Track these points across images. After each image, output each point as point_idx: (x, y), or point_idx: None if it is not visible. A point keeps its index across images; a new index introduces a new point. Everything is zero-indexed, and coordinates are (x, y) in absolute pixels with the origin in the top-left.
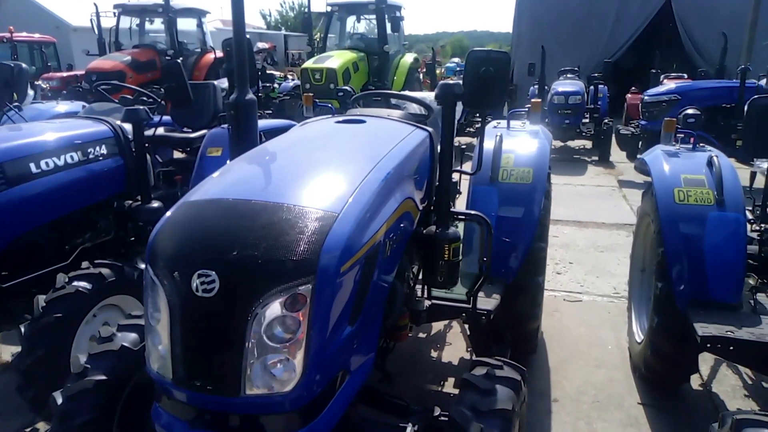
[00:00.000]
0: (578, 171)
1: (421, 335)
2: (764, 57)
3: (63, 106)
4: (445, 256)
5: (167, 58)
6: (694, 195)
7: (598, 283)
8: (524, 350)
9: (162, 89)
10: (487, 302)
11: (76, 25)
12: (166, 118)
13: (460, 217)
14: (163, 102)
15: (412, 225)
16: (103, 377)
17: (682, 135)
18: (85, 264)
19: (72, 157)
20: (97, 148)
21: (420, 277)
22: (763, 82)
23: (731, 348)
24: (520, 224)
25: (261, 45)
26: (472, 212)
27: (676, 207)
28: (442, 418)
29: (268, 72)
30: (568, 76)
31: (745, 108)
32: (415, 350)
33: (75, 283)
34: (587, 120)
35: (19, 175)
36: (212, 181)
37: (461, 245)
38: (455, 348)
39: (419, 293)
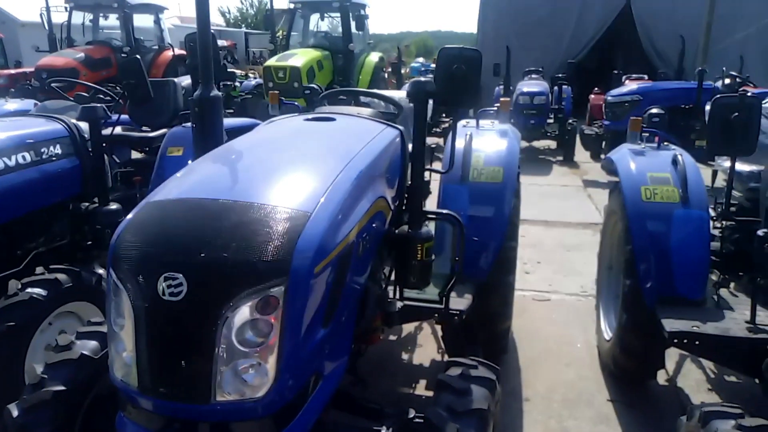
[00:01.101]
0: (544, 171)
1: (392, 337)
2: (720, 59)
3: (12, 104)
4: (418, 256)
5: (123, 55)
6: (660, 193)
7: (566, 282)
8: (495, 350)
9: (118, 87)
10: (459, 302)
11: (25, 20)
12: (124, 116)
13: (431, 216)
14: (120, 100)
15: (385, 225)
16: (62, 388)
17: (647, 134)
18: (39, 269)
19: (24, 158)
20: (51, 148)
21: (392, 278)
22: (719, 83)
23: (697, 342)
24: (491, 223)
25: (221, 43)
26: (445, 211)
27: (642, 205)
28: (417, 419)
29: (228, 70)
30: (533, 76)
31: (707, 107)
32: (386, 353)
33: (29, 290)
34: (552, 120)
35: None
36: (176, 180)
37: (433, 245)
38: (426, 350)
39: (391, 294)
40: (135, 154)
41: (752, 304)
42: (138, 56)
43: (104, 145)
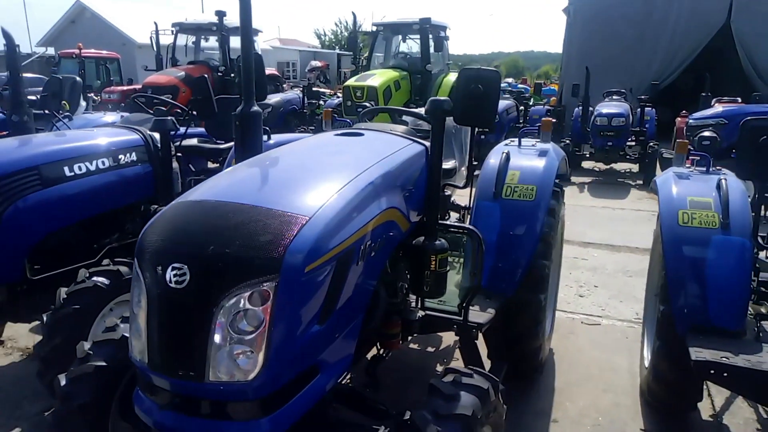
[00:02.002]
0: (620, 194)
1: (430, 349)
2: None
3: (110, 117)
4: (432, 266)
5: (219, 74)
6: (698, 218)
7: (621, 307)
8: (526, 369)
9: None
10: (479, 316)
11: (141, 42)
12: (201, 129)
13: (451, 229)
14: (188, 115)
15: (400, 234)
16: (104, 363)
17: (698, 158)
18: (106, 261)
19: (103, 162)
20: (128, 155)
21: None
22: None
23: (725, 375)
24: (521, 241)
25: (314, 63)
26: (462, 225)
27: (679, 229)
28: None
29: (314, 89)
30: (614, 97)
31: (740, 129)
32: (419, 364)
33: (94, 278)
34: (633, 143)
35: (53, 177)
36: (205, 184)
37: (448, 257)
38: (452, 362)
39: (414, 304)
40: (210, 164)
41: None
42: (206, 76)
43: (179, 154)
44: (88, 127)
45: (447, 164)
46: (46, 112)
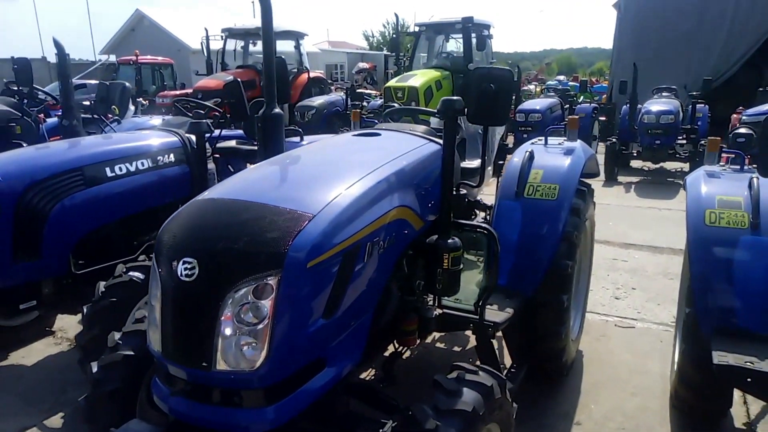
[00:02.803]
0: (668, 194)
1: (456, 348)
2: None
3: (155, 120)
4: (444, 264)
5: None
6: (726, 217)
7: (657, 310)
8: (549, 370)
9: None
10: (497, 315)
11: (195, 48)
12: (240, 131)
13: (466, 228)
14: (224, 118)
15: (413, 232)
16: (131, 353)
17: (732, 155)
18: (142, 257)
19: (143, 164)
20: (166, 157)
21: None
22: None
23: (749, 380)
24: (542, 240)
25: (362, 65)
26: (478, 224)
27: (705, 229)
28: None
29: (357, 91)
30: (663, 94)
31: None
32: (444, 362)
33: (130, 273)
34: (684, 141)
35: (95, 177)
36: (224, 183)
37: (462, 255)
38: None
39: (431, 302)
40: (249, 165)
41: None
42: (238, 80)
43: (214, 155)
44: (134, 130)
45: (471, 164)
46: (95, 116)
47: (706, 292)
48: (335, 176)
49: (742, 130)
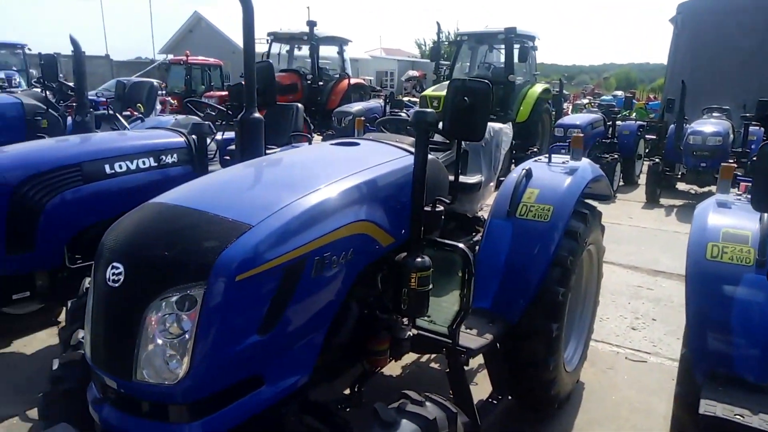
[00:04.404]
0: None
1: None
2: None
3: (181, 119)
4: (411, 283)
5: (307, 82)
6: (730, 252)
7: (676, 345)
8: (536, 403)
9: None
10: (473, 340)
11: None
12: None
13: (439, 246)
14: (225, 120)
15: (378, 249)
16: None
17: (747, 183)
18: None
19: (144, 162)
20: (169, 156)
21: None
22: None
23: None
24: (530, 264)
25: (411, 73)
26: (449, 242)
27: (705, 264)
28: None
29: (398, 98)
30: (714, 114)
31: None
32: (435, 383)
33: None
34: (734, 165)
35: (94, 173)
36: (180, 188)
37: (430, 275)
38: (480, 388)
39: (406, 322)
40: None
41: None
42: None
43: (226, 156)
44: (152, 128)
45: (471, 179)
46: (110, 113)
47: (702, 332)
48: (289, 186)
49: None
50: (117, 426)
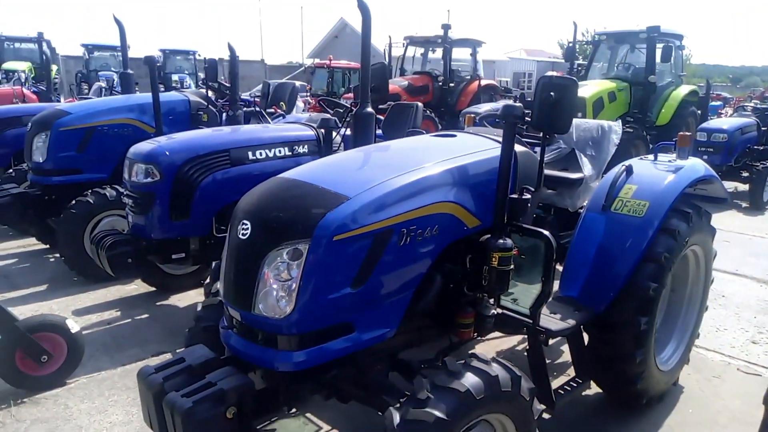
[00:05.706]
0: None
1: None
2: None
3: (314, 116)
4: (492, 262)
5: (439, 83)
6: None
7: None
8: (622, 395)
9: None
10: (555, 323)
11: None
12: (378, 132)
13: (524, 232)
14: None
15: (463, 229)
16: None
17: None
18: None
19: (280, 151)
20: (301, 147)
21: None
22: None
23: None
24: (620, 257)
25: (550, 74)
26: (534, 228)
27: None
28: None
29: (527, 99)
30: (743, 112)
31: None
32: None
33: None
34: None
35: (239, 158)
36: (304, 165)
37: (511, 256)
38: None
39: (492, 301)
40: None
41: None
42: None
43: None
44: (289, 123)
45: (573, 175)
46: (257, 109)
47: None
48: (385, 167)
49: None
50: (240, 350)
